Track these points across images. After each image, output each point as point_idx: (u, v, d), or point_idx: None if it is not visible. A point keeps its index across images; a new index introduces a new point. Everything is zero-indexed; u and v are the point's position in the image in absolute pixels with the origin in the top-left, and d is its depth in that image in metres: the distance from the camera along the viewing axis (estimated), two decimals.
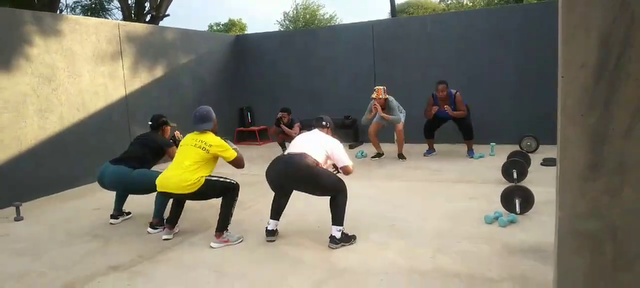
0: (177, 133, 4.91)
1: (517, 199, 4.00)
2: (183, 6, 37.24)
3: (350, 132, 8.39)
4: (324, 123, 4.06)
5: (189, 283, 3.09)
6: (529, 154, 6.08)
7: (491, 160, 6.41)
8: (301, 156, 3.61)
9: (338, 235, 3.56)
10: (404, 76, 7.98)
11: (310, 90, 8.86)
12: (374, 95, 6.64)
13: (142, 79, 7.20)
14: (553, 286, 1.32)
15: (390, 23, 8.52)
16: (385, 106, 6.66)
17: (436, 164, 6.38)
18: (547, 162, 5.91)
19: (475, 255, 3.26)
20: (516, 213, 3.94)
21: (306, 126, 8.61)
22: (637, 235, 1.14)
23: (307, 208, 4.53)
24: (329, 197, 3.65)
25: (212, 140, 3.84)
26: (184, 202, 4.13)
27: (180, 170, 3.72)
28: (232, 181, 3.88)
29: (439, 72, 7.36)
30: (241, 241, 3.82)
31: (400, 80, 7.89)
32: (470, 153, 6.76)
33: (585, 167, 1.15)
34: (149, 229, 4.17)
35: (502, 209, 4.09)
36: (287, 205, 3.95)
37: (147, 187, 4.20)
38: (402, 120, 6.74)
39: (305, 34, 10.31)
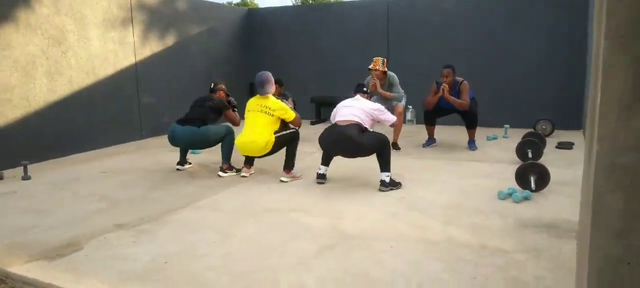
0: (231, 99, 5.37)
1: (532, 176, 3.90)
2: None
3: None
4: (365, 89, 4.63)
5: (194, 242, 3.05)
6: (545, 137, 5.95)
7: (505, 142, 6.29)
8: (353, 127, 4.07)
9: (387, 179, 4.07)
10: (418, 57, 7.83)
11: (321, 68, 8.75)
12: (370, 66, 5.80)
13: (152, 47, 7.13)
14: (582, 223, 1.24)
15: (406, 3, 8.34)
16: (385, 81, 5.86)
17: (448, 145, 6.27)
18: (563, 145, 5.79)
19: (487, 228, 3.18)
20: (531, 190, 3.84)
21: (317, 103, 8.55)
22: None
23: (315, 177, 4.47)
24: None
25: (274, 104, 4.52)
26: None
27: (254, 135, 4.43)
28: (295, 129, 4.64)
29: (453, 54, 7.20)
30: (301, 177, 4.56)
31: (414, 60, 7.75)
32: (471, 144, 5.92)
33: (629, 96, 1.06)
34: (220, 173, 4.76)
35: (516, 187, 4.00)
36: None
37: (213, 138, 4.86)
38: (403, 102, 5.99)
39: (318, 9, 10.15)
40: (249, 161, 4.75)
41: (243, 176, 4.68)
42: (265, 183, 4.48)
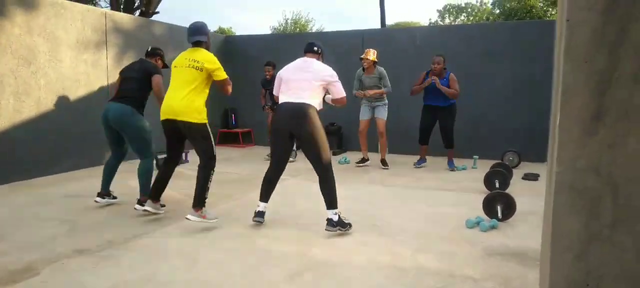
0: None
1: (499, 205, 3.96)
2: (174, 8, 36.98)
3: (334, 138, 8.32)
4: (315, 48, 3.87)
5: (158, 269, 2.95)
6: (512, 169, 6.08)
7: (473, 172, 6.40)
8: (302, 106, 3.59)
9: (335, 218, 3.58)
10: (392, 86, 7.96)
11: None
12: (362, 55, 6.31)
13: None
14: (543, 245, 1.26)
15: (381, 33, 8.54)
16: (374, 72, 6.31)
17: (419, 173, 6.34)
18: (528, 177, 5.93)
19: (455, 256, 3.19)
20: (498, 220, 3.90)
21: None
22: (638, 190, 1.08)
23: (286, 204, 4.43)
24: (319, 181, 3.68)
25: (205, 56, 3.78)
26: (173, 168, 4.09)
27: (181, 93, 3.71)
28: (212, 149, 3.87)
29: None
30: (216, 220, 3.81)
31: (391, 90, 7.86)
32: (450, 164, 6.57)
33: (587, 118, 1.09)
34: (137, 206, 4.18)
35: (484, 216, 4.05)
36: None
37: (144, 136, 4.22)
38: (385, 116, 6.45)
39: (294, 38, 10.29)
40: (156, 194, 4.07)
41: (146, 210, 4.01)
42: (233, 210, 4.40)
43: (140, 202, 4.18)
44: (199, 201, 3.75)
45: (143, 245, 3.39)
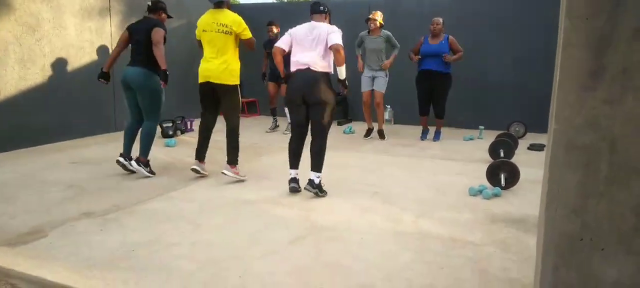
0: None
1: (503, 174, 3.96)
2: None
3: (339, 109, 8.30)
4: (321, 8, 3.91)
5: (163, 231, 3.00)
6: (518, 139, 6.06)
7: (479, 142, 6.39)
8: (315, 75, 3.71)
9: (317, 180, 3.74)
10: (399, 54, 7.88)
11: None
12: (370, 16, 6.20)
13: None
14: (541, 202, 1.27)
15: (388, 0, 8.40)
16: (380, 34, 6.21)
17: (423, 142, 6.33)
18: (534, 147, 5.90)
19: (457, 222, 3.22)
20: (501, 188, 3.90)
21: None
22: (635, 147, 1.08)
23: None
24: (311, 142, 3.81)
25: (232, 18, 4.10)
26: (212, 127, 4.40)
27: (216, 59, 4.09)
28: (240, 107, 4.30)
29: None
30: (245, 178, 4.25)
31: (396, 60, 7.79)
32: (436, 136, 6.41)
33: (586, 75, 1.08)
34: (132, 162, 4.32)
35: (487, 184, 4.06)
36: (269, 172, 3.89)
37: (155, 103, 4.37)
38: (384, 88, 6.31)
39: (301, 6, 10.15)
40: (201, 154, 4.33)
41: (194, 168, 4.27)
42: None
43: (139, 161, 4.32)
44: (233, 159, 4.20)
45: (148, 209, 3.44)
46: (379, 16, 6.22)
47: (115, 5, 6.73)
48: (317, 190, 3.73)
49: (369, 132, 6.71)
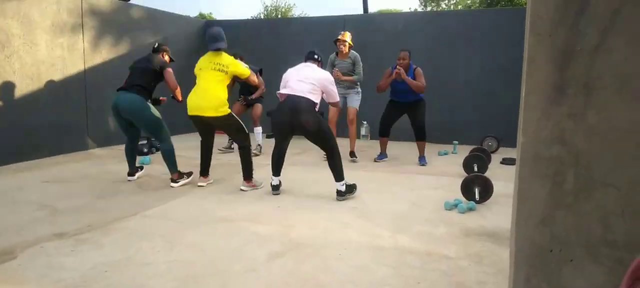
0: (162, 99, 5.07)
1: (477, 188, 4.05)
2: None
3: None
4: (315, 56, 4.38)
5: (139, 250, 2.95)
6: (490, 154, 6.20)
7: (453, 157, 6.51)
8: (303, 100, 4.01)
9: (343, 188, 4.11)
10: (374, 72, 8.01)
11: (279, 81, 8.77)
12: (339, 36, 5.88)
13: (103, 55, 6.93)
14: (512, 214, 1.31)
15: (363, 19, 8.56)
16: (348, 56, 5.90)
17: (399, 158, 6.41)
18: (507, 161, 6.05)
19: (433, 236, 3.27)
20: (475, 202, 3.99)
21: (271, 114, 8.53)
22: (599, 161, 1.14)
23: (268, 189, 4.45)
24: (327, 159, 4.19)
25: (228, 60, 4.36)
26: (211, 145, 4.62)
27: (208, 94, 4.24)
28: (244, 127, 4.49)
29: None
30: (262, 184, 4.56)
31: (370, 76, 7.90)
32: (422, 160, 5.97)
33: (551, 89, 1.14)
34: (172, 184, 4.58)
35: (462, 198, 4.14)
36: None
37: (152, 120, 4.51)
38: (357, 105, 6.04)
39: (276, 23, 10.22)
40: (205, 170, 4.64)
41: (200, 185, 4.57)
42: (216, 193, 4.41)
43: (173, 180, 4.59)
44: (248, 174, 4.45)
45: (122, 228, 3.38)
46: (348, 37, 5.95)
47: (88, 21, 6.65)
48: (347, 194, 4.15)
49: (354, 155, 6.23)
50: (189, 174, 4.74)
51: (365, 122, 7.71)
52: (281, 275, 2.59)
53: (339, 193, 4.13)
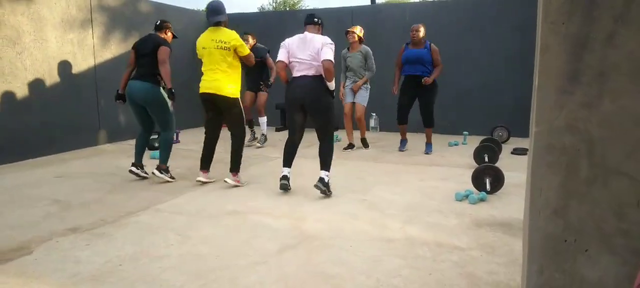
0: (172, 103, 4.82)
1: (488, 178, 4.02)
2: None
3: None
4: (315, 19, 4.20)
5: (151, 244, 2.98)
6: (501, 143, 6.15)
7: (464, 148, 6.47)
8: (312, 81, 3.97)
9: (327, 178, 4.00)
10: (383, 63, 7.97)
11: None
12: (349, 28, 6.07)
13: (113, 50, 6.97)
14: (525, 205, 1.30)
15: (370, 9, 8.50)
16: (359, 50, 6.01)
17: (409, 149, 6.39)
18: (518, 151, 6.00)
19: (444, 227, 3.26)
20: (486, 192, 3.96)
21: (282, 110, 8.55)
22: (613, 149, 1.12)
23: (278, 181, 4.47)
24: (319, 144, 4.11)
25: (229, 35, 4.26)
26: (217, 138, 4.52)
27: (214, 74, 4.23)
28: (244, 119, 4.46)
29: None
30: (246, 183, 4.42)
31: (378, 68, 7.87)
32: (428, 147, 6.05)
33: (564, 78, 1.12)
34: (155, 171, 4.51)
35: (473, 189, 4.12)
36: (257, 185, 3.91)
37: (166, 113, 4.52)
38: (365, 102, 6.11)
39: (284, 15, 10.20)
40: (206, 164, 4.48)
41: (199, 180, 4.42)
42: (225, 187, 4.43)
43: (160, 169, 4.53)
44: (236, 166, 4.34)
45: (135, 222, 3.41)
46: (358, 30, 6.05)
47: (97, 17, 6.68)
48: (326, 188, 3.97)
49: (350, 146, 6.39)
50: (173, 177, 4.60)
51: (374, 114, 7.67)
52: (292, 268, 2.60)
53: (321, 180, 3.95)
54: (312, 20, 4.16)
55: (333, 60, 3.95)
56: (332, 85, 4.03)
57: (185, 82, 8.01)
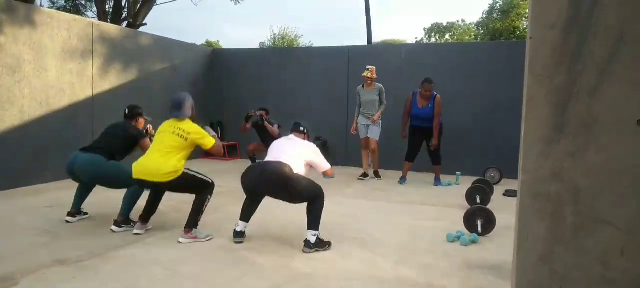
0: (149, 127, 4.76)
1: (480, 220, 4.03)
2: (162, 19, 37.03)
3: (321, 152, 8.36)
4: (301, 128, 4.04)
5: (138, 280, 2.94)
6: (493, 185, 6.18)
7: (456, 188, 6.50)
8: (279, 164, 3.54)
9: (313, 239, 3.52)
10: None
11: (283, 109, 8.84)
12: (365, 74, 6.73)
13: (112, 81, 7.04)
14: (513, 250, 1.31)
15: (367, 49, 8.69)
16: (373, 88, 6.78)
17: (402, 188, 6.41)
18: (510, 193, 6.03)
19: (435, 268, 3.24)
20: (478, 234, 3.96)
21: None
22: (598, 198, 1.15)
23: (270, 216, 4.44)
24: (307, 205, 3.62)
25: (191, 127, 3.82)
26: (161, 197, 4.06)
27: (158, 155, 3.69)
28: (209, 180, 3.88)
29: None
30: (210, 239, 3.79)
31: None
32: (437, 181, 6.71)
33: (550, 128, 1.16)
34: (113, 227, 3.94)
35: (464, 230, 4.11)
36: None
37: (122, 179, 4.06)
38: (377, 136, 6.80)
39: (282, 52, 10.39)
40: (146, 216, 3.99)
41: (136, 233, 3.87)
42: (216, 222, 4.40)
43: (117, 223, 3.98)
44: (191, 223, 3.76)
45: (123, 256, 3.37)
46: (374, 73, 6.81)
47: (98, 48, 6.78)
48: (316, 248, 3.53)
49: (364, 176, 7.00)
50: (134, 223, 3.99)
51: None
52: None
53: (307, 243, 3.52)
54: (298, 128, 4.05)
55: (328, 166, 4.01)
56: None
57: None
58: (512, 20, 23.71)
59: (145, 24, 12.35)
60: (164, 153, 3.69)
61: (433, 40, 32.97)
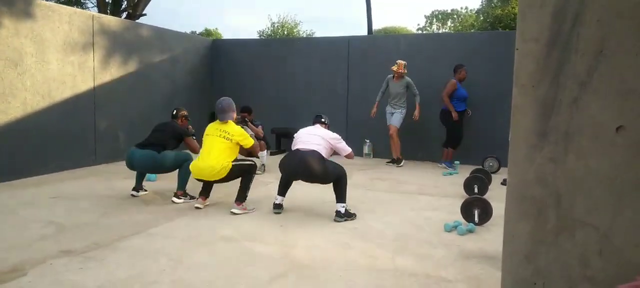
0: (190, 127, 5.41)
1: (476, 210, 4.11)
2: (160, 8, 37.02)
3: None
4: (323, 119, 4.74)
5: (143, 269, 3.03)
6: (491, 174, 6.26)
7: (454, 178, 6.57)
8: (313, 153, 4.23)
9: (342, 210, 4.23)
10: (375, 90, 8.13)
11: (283, 100, 8.90)
12: (394, 68, 7.08)
13: (113, 73, 7.09)
14: (502, 249, 1.38)
15: (367, 39, 8.70)
16: (402, 81, 7.15)
17: (401, 177, 6.49)
18: (507, 183, 6.10)
19: (432, 258, 3.33)
20: (475, 224, 4.05)
21: (277, 134, 8.67)
22: (579, 202, 1.22)
23: (270, 209, 4.53)
24: (333, 183, 4.32)
25: (233, 129, 4.56)
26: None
27: (210, 159, 4.38)
28: (251, 162, 4.65)
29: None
30: (254, 211, 4.50)
31: (369, 94, 8.03)
32: (447, 163, 7.13)
33: (534, 135, 1.23)
34: (174, 198, 4.79)
35: (462, 219, 4.20)
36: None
37: (178, 162, 4.89)
38: (397, 123, 7.18)
39: (282, 43, 10.40)
40: (205, 192, 4.67)
41: (197, 207, 4.56)
42: (220, 212, 4.49)
43: (177, 195, 4.82)
44: (241, 197, 4.47)
45: (129, 246, 3.46)
46: (403, 68, 7.17)
47: (99, 40, 6.82)
48: (346, 217, 4.22)
49: (398, 161, 7.41)
50: (193, 197, 4.82)
51: (368, 141, 7.79)
52: None
53: (338, 213, 4.22)
54: (320, 119, 4.71)
55: (350, 150, 4.61)
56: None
57: (185, 105, 8.10)
58: (513, 7, 23.62)
59: (145, 14, 12.34)
60: (214, 155, 4.39)
61: (434, 27, 32.81)
